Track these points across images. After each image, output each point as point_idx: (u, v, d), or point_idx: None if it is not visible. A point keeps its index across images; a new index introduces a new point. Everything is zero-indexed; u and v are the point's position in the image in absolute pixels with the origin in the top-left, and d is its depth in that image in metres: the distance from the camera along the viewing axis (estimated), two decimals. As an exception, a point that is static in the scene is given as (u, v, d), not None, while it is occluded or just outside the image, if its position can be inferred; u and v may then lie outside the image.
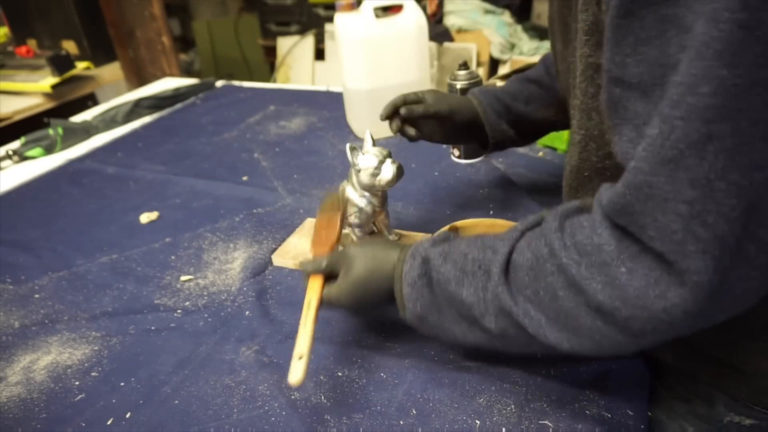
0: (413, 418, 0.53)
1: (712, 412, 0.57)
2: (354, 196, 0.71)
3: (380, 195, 0.71)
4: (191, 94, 1.50)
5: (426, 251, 0.51)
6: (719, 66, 0.31)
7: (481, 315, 0.46)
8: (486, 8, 2.38)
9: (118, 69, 2.14)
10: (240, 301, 0.71)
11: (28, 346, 0.67)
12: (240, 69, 3.15)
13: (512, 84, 0.77)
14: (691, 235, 0.33)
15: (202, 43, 3.27)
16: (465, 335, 0.49)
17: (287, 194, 0.95)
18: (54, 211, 0.99)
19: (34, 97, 1.72)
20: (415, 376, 0.57)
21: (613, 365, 0.56)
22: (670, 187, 0.34)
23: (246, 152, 1.14)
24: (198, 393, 0.58)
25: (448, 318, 0.49)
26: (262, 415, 0.54)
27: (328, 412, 0.54)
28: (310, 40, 2.66)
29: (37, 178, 1.11)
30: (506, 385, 0.55)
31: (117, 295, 0.74)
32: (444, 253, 0.50)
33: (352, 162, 0.69)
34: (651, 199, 0.35)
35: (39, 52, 1.90)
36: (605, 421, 0.50)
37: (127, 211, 0.95)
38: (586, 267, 0.39)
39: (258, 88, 1.57)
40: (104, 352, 0.65)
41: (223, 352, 0.63)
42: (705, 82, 0.31)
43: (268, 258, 0.78)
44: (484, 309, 0.45)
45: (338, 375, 0.58)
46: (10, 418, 0.57)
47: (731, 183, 0.32)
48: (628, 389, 0.54)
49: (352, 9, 1.07)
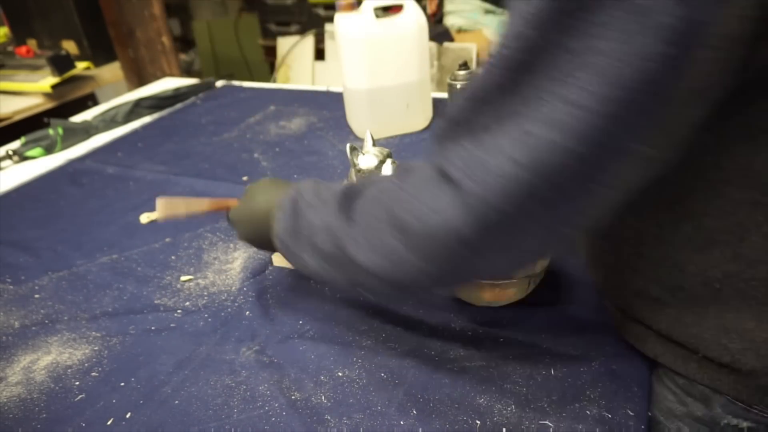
0: (413, 418, 0.53)
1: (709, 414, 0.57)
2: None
3: None
4: (191, 94, 1.50)
5: (303, 183, 0.56)
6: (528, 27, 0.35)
7: (316, 234, 0.50)
8: (486, 8, 2.38)
9: (118, 69, 2.14)
10: (240, 301, 0.71)
11: (28, 346, 0.67)
12: (240, 69, 3.15)
13: None
14: (479, 162, 0.37)
15: (202, 43, 3.27)
16: (315, 266, 0.52)
17: (287, 194, 0.95)
18: (54, 211, 0.99)
19: (34, 97, 1.72)
20: (415, 376, 0.57)
21: (613, 366, 0.56)
22: (473, 117, 0.38)
23: (246, 152, 1.14)
24: (198, 393, 0.58)
25: (301, 244, 0.53)
26: (263, 415, 0.54)
27: (329, 412, 0.54)
28: (310, 40, 2.66)
29: (37, 178, 1.11)
30: (507, 385, 0.55)
31: (117, 295, 0.74)
32: (316, 185, 0.55)
33: (352, 162, 0.69)
34: (459, 125, 0.39)
35: (39, 52, 1.90)
36: (606, 421, 0.50)
37: (127, 211, 0.95)
38: (403, 186, 0.43)
39: (258, 88, 1.57)
40: (104, 352, 0.65)
41: (224, 352, 0.63)
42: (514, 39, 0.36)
43: (268, 258, 0.78)
44: (318, 228, 0.50)
45: (338, 375, 0.58)
46: (10, 418, 0.57)
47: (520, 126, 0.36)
48: (629, 390, 0.54)
49: (352, 9, 1.07)
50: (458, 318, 0.64)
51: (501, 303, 0.63)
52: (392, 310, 0.66)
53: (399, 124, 1.15)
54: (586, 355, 0.58)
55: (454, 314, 0.65)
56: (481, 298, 0.63)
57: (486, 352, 0.59)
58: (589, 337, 0.60)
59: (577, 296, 0.66)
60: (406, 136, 1.15)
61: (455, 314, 0.65)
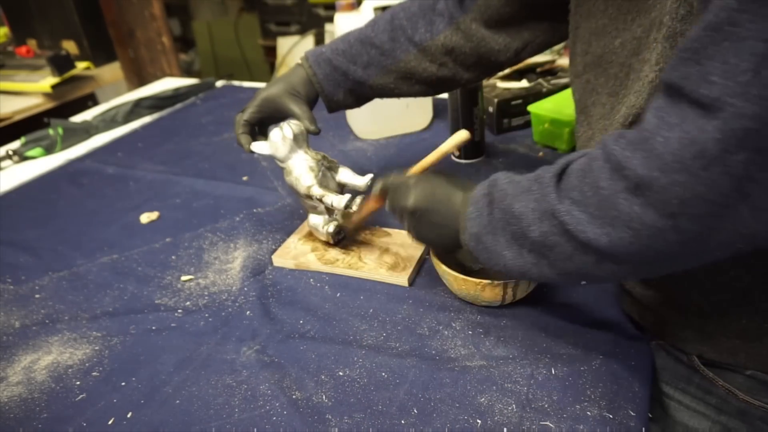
0: (414, 417, 0.53)
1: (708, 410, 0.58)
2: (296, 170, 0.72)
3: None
4: (191, 94, 1.50)
5: (496, 175, 0.53)
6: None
7: (528, 225, 0.47)
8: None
9: (118, 69, 2.13)
10: (241, 300, 0.71)
11: (29, 346, 0.67)
12: (240, 69, 3.15)
13: (352, 45, 0.74)
14: (758, 78, 0.33)
15: (202, 43, 3.27)
16: (515, 259, 0.49)
17: (287, 194, 0.95)
18: (54, 211, 0.99)
19: (34, 97, 1.72)
20: (416, 376, 0.57)
21: (614, 365, 0.56)
22: (752, 25, 0.33)
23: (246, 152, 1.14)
24: (199, 393, 0.58)
25: (501, 241, 0.50)
26: (264, 415, 0.54)
27: (330, 412, 0.54)
28: (310, 40, 2.66)
29: (37, 178, 1.11)
30: (508, 385, 0.55)
31: (118, 295, 0.74)
32: (510, 176, 0.52)
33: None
34: (729, 38, 0.34)
35: (39, 52, 1.90)
36: (607, 421, 0.50)
37: (127, 211, 0.95)
38: (630, 148, 0.39)
39: (258, 88, 1.56)
40: (105, 351, 0.65)
41: (224, 351, 0.63)
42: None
43: (269, 258, 0.78)
44: (532, 218, 0.47)
45: (339, 374, 0.58)
46: (11, 418, 0.57)
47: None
48: (630, 390, 0.54)
49: (352, 9, 1.07)
50: (458, 318, 0.64)
51: (501, 303, 0.64)
52: (392, 309, 0.66)
53: (399, 124, 1.15)
54: (586, 354, 0.58)
55: (454, 314, 0.65)
56: (481, 298, 0.63)
57: (486, 352, 0.59)
58: (590, 337, 0.60)
59: (578, 296, 0.66)
60: (406, 136, 1.15)
61: (455, 314, 0.65)
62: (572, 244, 0.44)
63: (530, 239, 0.47)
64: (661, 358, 0.61)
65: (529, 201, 0.47)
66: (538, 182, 0.47)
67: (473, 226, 0.52)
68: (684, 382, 0.59)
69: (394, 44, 0.73)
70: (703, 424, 0.58)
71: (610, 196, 0.40)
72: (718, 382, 0.56)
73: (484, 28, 0.69)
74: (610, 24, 0.51)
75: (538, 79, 1.12)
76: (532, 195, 0.47)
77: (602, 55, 0.53)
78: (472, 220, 0.52)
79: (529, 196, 0.47)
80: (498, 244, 0.50)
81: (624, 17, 0.50)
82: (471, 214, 0.52)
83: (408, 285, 0.70)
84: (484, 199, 0.52)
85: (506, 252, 0.50)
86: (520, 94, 1.07)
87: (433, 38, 0.71)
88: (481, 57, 0.72)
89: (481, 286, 0.61)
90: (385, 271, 0.71)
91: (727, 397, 0.56)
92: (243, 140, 0.74)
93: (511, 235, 0.49)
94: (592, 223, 0.42)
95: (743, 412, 0.56)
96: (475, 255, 0.54)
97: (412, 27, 0.72)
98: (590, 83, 0.55)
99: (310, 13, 2.67)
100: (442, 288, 0.69)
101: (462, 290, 0.64)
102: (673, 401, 0.60)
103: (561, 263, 0.46)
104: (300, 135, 0.71)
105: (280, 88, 0.74)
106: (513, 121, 1.09)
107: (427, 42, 0.71)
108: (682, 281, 0.54)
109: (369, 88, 0.76)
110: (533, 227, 0.46)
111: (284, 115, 0.74)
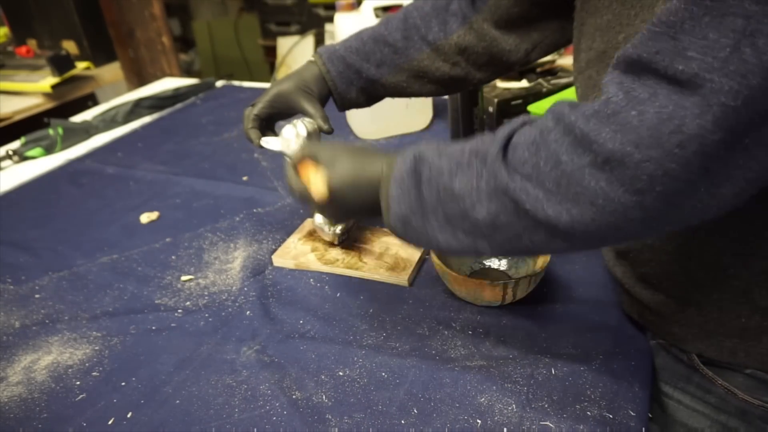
0: (414, 417, 0.53)
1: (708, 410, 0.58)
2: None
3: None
4: (191, 94, 1.50)
5: (419, 149, 0.49)
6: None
7: (472, 205, 0.44)
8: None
9: (118, 69, 2.13)
10: (241, 300, 0.71)
11: (29, 346, 0.67)
12: (240, 69, 3.15)
13: (365, 43, 0.73)
14: (737, 54, 0.32)
15: (202, 43, 3.27)
16: (448, 242, 0.47)
17: (287, 194, 0.95)
18: (54, 211, 0.99)
19: (34, 97, 1.72)
20: (416, 376, 0.57)
21: (615, 365, 0.56)
22: (734, 0, 0.33)
23: (246, 152, 1.14)
24: (199, 393, 0.58)
25: (433, 224, 0.47)
26: (264, 415, 0.54)
27: (330, 412, 0.54)
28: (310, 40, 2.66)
29: (37, 178, 1.11)
30: (508, 385, 0.55)
31: (118, 295, 0.74)
32: (439, 150, 0.47)
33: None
34: (709, 12, 0.34)
35: (39, 52, 1.90)
36: (607, 421, 0.51)
37: (127, 211, 0.95)
38: (595, 121, 0.38)
39: (258, 88, 1.57)
40: (105, 351, 0.65)
41: (224, 351, 0.63)
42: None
43: (268, 258, 0.78)
44: (476, 197, 0.43)
45: (339, 374, 0.58)
46: (11, 417, 0.57)
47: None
48: (630, 390, 0.54)
49: (352, 9, 1.07)
50: (458, 318, 0.64)
51: (501, 303, 0.64)
52: (393, 309, 0.66)
53: (399, 124, 1.15)
54: (586, 354, 0.58)
55: (454, 314, 0.65)
56: (481, 298, 0.63)
57: (486, 352, 0.59)
58: (590, 337, 0.60)
59: (578, 296, 0.66)
60: (406, 136, 1.15)
61: (455, 314, 0.65)
62: (525, 222, 0.42)
63: (472, 219, 0.44)
64: (661, 358, 0.61)
65: (471, 178, 0.44)
66: (479, 157, 0.44)
67: (399, 208, 0.48)
68: (683, 381, 0.59)
69: (408, 43, 0.73)
70: (703, 424, 0.58)
71: (573, 171, 0.38)
72: (718, 381, 0.56)
73: (494, 29, 0.70)
74: (615, 20, 0.51)
75: (538, 79, 1.12)
76: (473, 171, 0.44)
77: (605, 50, 0.53)
78: (397, 201, 0.48)
79: (470, 172, 0.44)
80: (429, 227, 0.47)
81: (628, 12, 0.50)
82: (394, 193, 0.48)
83: (408, 285, 0.70)
84: (410, 177, 0.47)
85: (439, 235, 0.47)
86: (520, 94, 1.07)
87: (446, 37, 0.71)
88: (493, 57, 0.72)
89: (481, 286, 0.61)
90: (385, 271, 0.71)
91: (727, 397, 0.56)
92: (252, 135, 0.73)
93: (445, 216, 0.46)
94: (549, 200, 0.40)
95: (743, 411, 0.56)
96: (400, 238, 0.51)
97: (425, 26, 0.72)
98: (592, 79, 0.55)
99: (310, 13, 2.67)
100: (442, 288, 0.69)
101: (462, 290, 0.64)
102: (673, 401, 0.60)
103: (505, 242, 0.44)
104: (313, 133, 0.70)
105: (293, 84, 0.73)
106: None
107: (440, 41, 0.71)
108: (683, 280, 0.54)
109: (381, 87, 0.75)
110: (479, 207, 0.43)
111: (296, 111, 0.73)
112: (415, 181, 0.47)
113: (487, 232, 0.44)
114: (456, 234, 0.46)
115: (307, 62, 0.76)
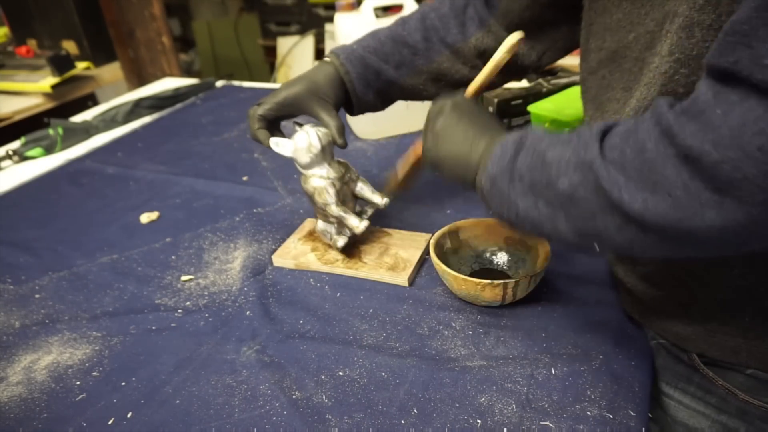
0: (414, 417, 0.53)
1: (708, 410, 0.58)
2: (317, 183, 0.70)
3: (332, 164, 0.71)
4: (191, 94, 1.50)
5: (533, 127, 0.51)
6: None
7: (557, 175, 0.44)
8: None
9: (118, 69, 2.14)
10: (241, 300, 0.71)
11: (29, 346, 0.67)
12: (240, 69, 3.15)
13: (383, 44, 0.72)
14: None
15: (202, 43, 3.27)
16: (527, 210, 0.47)
17: (287, 194, 0.95)
18: (54, 211, 0.99)
19: (34, 97, 1.72)
20: (416, 376, 0.57)
21: (615, 365, 0.56)
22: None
23: (246, 152, 1.14)
24: (199, 393, 0.58)
25: (518, 188, 0.47)
26: (264, 415, 0.54)
27: (330, 412, 0.54)
28: (310, 40, 2.66)
29: (37, 178, 1.11)
30: (508, 385, 0.55)
31: (117, 295, 0.74)
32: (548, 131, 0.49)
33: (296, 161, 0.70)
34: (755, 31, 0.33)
35: (39, 52, 1.90)
36: (607, 421, 0.50)
37: (127, 211, 0.95)
38: (684, 117, 0.37)
39: (258, 88, 1.57)
40: (105, 351, 0.65)
41: (224, 351, 0.63)
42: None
43: (268, 258, 0.78)
44: (564, 168, 0.44)
45: (339, 374, 0.58)
46: (11, 417, 0.57)
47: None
48: (630, 390, 0.54)
49: (352, 9, 1.07)
50: (458, 318, 0.64)
51: (501, 303, 0.64)
52: (392, 309, 0.66)
53: (399, 124, 1.15)
54: (586, 354, 0.58)
55: (454, 314, 0.65)
56: (481, 298, 0.63)
57: (486, 352, 0.59)
58: (590, 337, 0.60)
59: (578, 295, 0.66)
60: (406, 136, 1.15)
61: (455, 314, 0.65)
62: (601, 201, 0.42)
63: (555, 190, 0.44)
64: (661, 358, 0.61)
65: (565, 150, 0.45)
66: (579, 135, 0.45)
67: (493, 167, 0.49)
68: (684, 381, 0.59)
69: (428, 44, 0.72)
70: (703, 424, 0.58)
71: (656, 159, 0.38)
72: (718, 382, 0.56)
73: (507, 33, 0.69)
74: (624, 18, 0.51)
75: (538, 79, 1.12)
76: (570, 145, 0.45)
77: (616, 50, 0.53)
78: (494, 161, 0.49)
79: (566, 146, 0.45)
80: (513, 191, 0.48)
81: (638, 11, 0.49)
82: (496, 153, 0.50)
83: (408, 285, 0.70)
84: (513, 144, 0.49)
85: (520, 201, 0.47)
86: (520, 94, 1.07)
87: (465, 40, 0.71)
88: (508, 60, 0.72)
89: (481, 286, 0.61)
90: (385, 271, 0.71)
91: (727, 397, 0.56)
92: (261, 136, 0.71)
93: (531, 182, 0.46)
94: (628, 185, 0.40)
95: (743, 412, 0.56)
96: (485, 198, 0.51)
97: (444, 28, 0.71)
98: (605, 79, 0.55)
99: (310, 13, 2.67)
100: (442, 288, 0.69)
101: (462, 290, 0.64)
102: (673, 401, 0.60)
103: (580, 221, 0.44)
104: (328, 147, 0.68)
105: (306, 88, 0.70)
106: (513, 121, 1.09)
107: (459, 44, 0.71)
108: (687, 280, 0.54)
109: (398, 89, 0.74)
110: (563, 177, 0.44)
111: (308, 118, 0.72)
112: (516, 148, 0.48)
113: (564, 204, 0.44)
114: (537, 203, 0.46)
115: (320, 63, 0.73)
